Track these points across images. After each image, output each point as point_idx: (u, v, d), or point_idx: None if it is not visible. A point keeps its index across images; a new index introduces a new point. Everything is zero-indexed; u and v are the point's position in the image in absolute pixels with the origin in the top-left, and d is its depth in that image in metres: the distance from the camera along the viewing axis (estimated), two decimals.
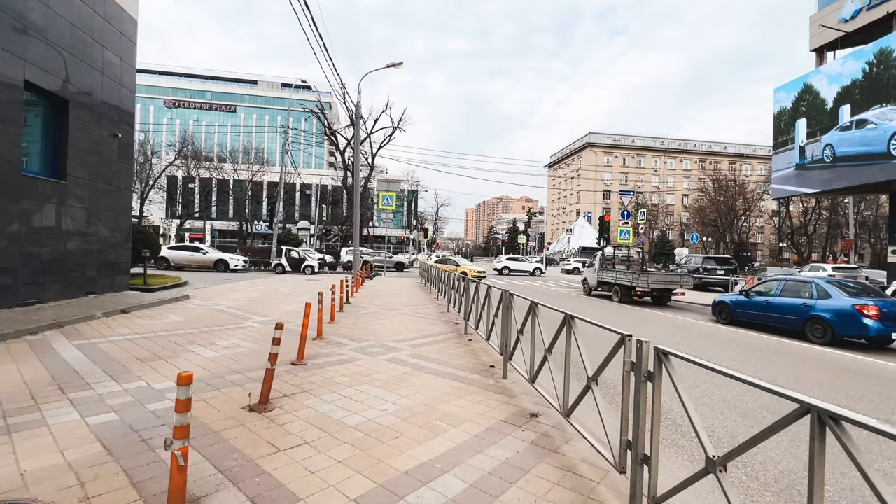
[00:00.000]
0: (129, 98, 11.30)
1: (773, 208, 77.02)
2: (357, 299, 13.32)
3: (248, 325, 8.37)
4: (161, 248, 19.89)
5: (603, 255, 19.37)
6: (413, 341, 7.42)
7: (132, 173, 11.66)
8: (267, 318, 9.34)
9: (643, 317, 13.01)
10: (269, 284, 17.35)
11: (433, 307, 12.17)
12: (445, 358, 6.33)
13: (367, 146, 50.28)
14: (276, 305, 11.33)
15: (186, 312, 9.53)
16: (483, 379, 5.34)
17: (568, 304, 15.07)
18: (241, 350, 6.39)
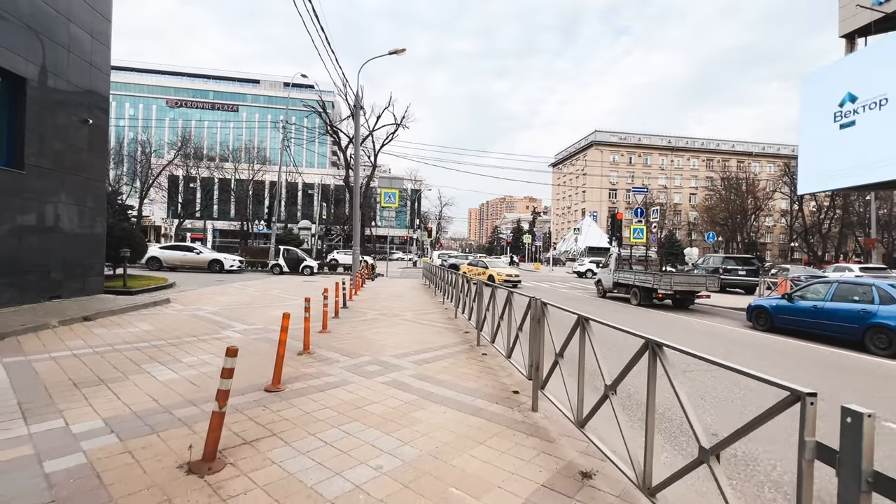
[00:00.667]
0: (101, 81, 10.21)
1: (781, 207, 75.60)
2: (356, 303, 12.18)
3: (227, 336, 7.23)
4: (148, 248, 18.84)
5: (619, 255, 18.15)
6: (417, 356, 6.25)
7: (106, 164, 10.57)
8: (251, 325, 8.20)
9: (668, 322, 11.80)
10: (262, 286, 16.24)
11: (439, 312, 11.02)
12: (457, 379, 5.17)
13: (369, 144, 49.29)
14: (265, 310, 10.20)
15: (160, 320, 8.40)
16: (507, 412, 4.17)
17: (585, 308, 13.88)
18: (209, 370, 5.24)
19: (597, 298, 18.44)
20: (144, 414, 3.77)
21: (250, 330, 7.75)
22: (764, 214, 65.86)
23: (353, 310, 10.84)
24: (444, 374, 5.40)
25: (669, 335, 9.57)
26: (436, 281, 16.06)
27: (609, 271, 18.24)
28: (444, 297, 12.99)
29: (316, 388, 4.68)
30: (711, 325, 11.66)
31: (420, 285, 19.91)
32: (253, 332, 7.63)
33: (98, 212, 10.36)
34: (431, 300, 13.82)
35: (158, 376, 4.88)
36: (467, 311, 8.59)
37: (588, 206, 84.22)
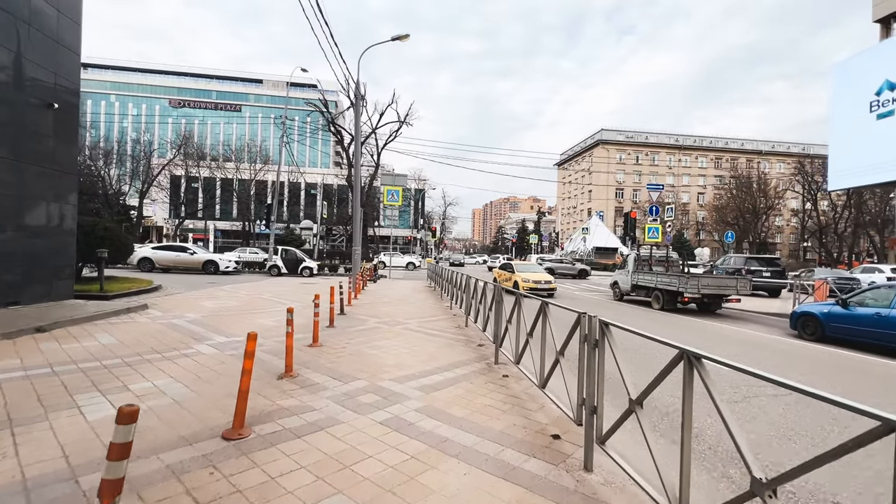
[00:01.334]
0: (70, 62, 9.14)
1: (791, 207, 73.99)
2: (355, 308, 11.06)
3: (199, 351, 6.11)
4: (134, 249, 17.79)
5: (638, 256, 16.93)
6: (424, 379, 5.11)
7: (75, 154, 9.50)
8: (231, 338, 7.08)
9: (702, 329, 10.59)
10: (256, 289, 15.15)
11: (446, 319, 9.88)
12: (477, 416, 4.01)
13: (371, 143, 48.23)
14: (252, 318, 9.08)
15: (127, 331, 7.30)
16: (551, 472, 3.01)
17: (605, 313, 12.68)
18: (159, 403, 4.11)
19: (613, 302, 17.24)
20: (37, 484, 2.64)
21: (228, 344, 6.62)
22: (774, 214, 64.41)
23: (352, 316, 9.71)
24: (458, 406, 4.25)
25: (714, 348, 8.36)
26: (442, 283, 14.92)
27: (627, 273, 17.04)
28: (452, 300, 11.84)
29: (292, 431, 3.53)
30: (750, 333, 10.45)
31: (425, 288, 18.77)
32: (231, 346, 6.51)
33: (67, 207, 9.29)
34: (438, 304, 12.67)
35: (90, 413, 3.75)
36: (481, 320, 7.44)
37: (594, 206, 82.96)
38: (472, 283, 8.75)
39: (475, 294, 8.34)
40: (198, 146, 56.59)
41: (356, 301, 12.60)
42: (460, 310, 10.36)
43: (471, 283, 9.01)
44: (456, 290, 11.12)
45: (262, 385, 4.67)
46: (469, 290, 8.95)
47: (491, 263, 38.37)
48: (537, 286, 16.98)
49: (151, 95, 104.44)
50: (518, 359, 5.01)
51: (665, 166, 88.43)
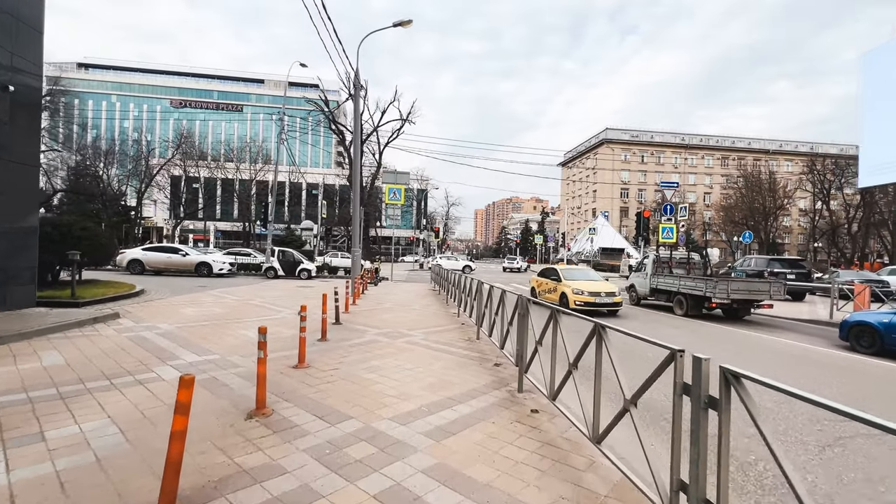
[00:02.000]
0: (31, 40, 8.10)
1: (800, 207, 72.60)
2: (353, 315, 9.97)
3: (159, 376, 5.04)
4: (116, 250, 16.80)
5: (658, 258, 15.79)
6: (432, 417, 4.01)
7: (37, 144, 8.47)
8: (204, 355, 6.01)
9: (738, 339, 9.45)
10: (248, 293, 14.09)
11: (455, 329, 8.78)
12: (506, 481, 2.91)
13: (373, 142, 47.21)
14: (236, 329, 8.01)
15: (82, 347, 6.24)
16: None
17: (623, 322, 11.62)
18: (75, 463, 3.02)
19: (629, 307, 16.11)
20: None
21: (197, 365, 5.54)
22: (783, 214, 63.17)
23: (349, 326, 8.63)
24: (480, 463, 3.15)
25: (762, 362, 7.22)
26: (448, 287, 13.82)
27: (645, 275, 15.91)
28: (460, 307, 10.73)
29: None
30: (792, 344, 9.30)
31: (429, 291, 17.68)
32: (200, 367, 5.43)
33: (26, 204, 8.25)
34: (443, 311, 11.58)
35: None
36: (498, 334, 6.33)
37: (599, 206, 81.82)
38: (486, 289, 7.64)
39: (489, 302, 7.24)
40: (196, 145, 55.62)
41: (355, 308, 11.52)
42: (469, 317, 9.27)
43: (483, 289, 7.91)
44: (465, 296, 10.01)
45: (223, 428, 3.59)
46: (481, 297, 7.85)
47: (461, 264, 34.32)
48: (596, 300, 12.22)
49: (152, 96, 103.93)
50: (554, 393, 3.91)
51: (671, 165, 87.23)
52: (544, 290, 14.10)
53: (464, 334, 8.30)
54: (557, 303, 12.18)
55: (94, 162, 47.41)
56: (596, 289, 12.70)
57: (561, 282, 13.18)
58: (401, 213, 22.60)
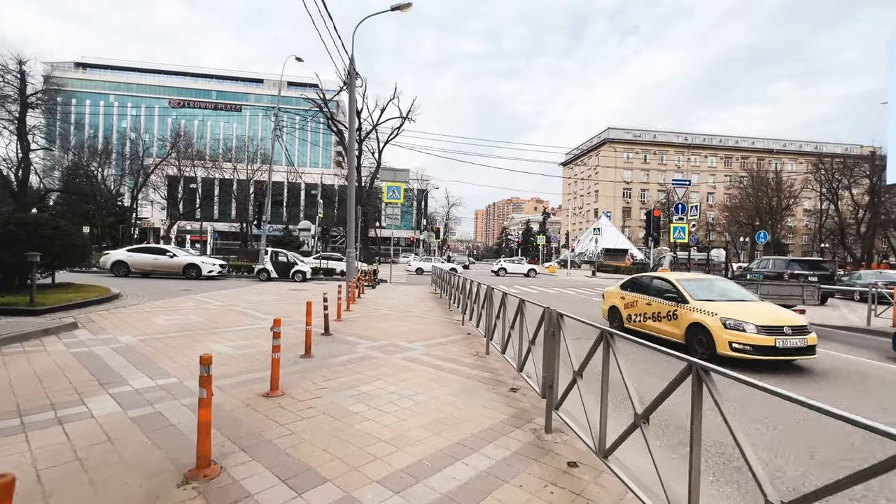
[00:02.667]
0: None
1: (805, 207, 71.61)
2: (346, 324, 8.92)
3: (89, 411, 3.97)
4: (90, 253, 15.79)
5: (675, 258, 14.74)
6: (438, 479, 2.95)
7: None
8: (159, 378, 4.96)
9: None
10: (235, 297, 13.03)
11: (460, 340, 7.72)
12: None
13: (373, 139, 46.17)
14: (208, 341, 6.95)
15: (13, 368, 5.17)
16: None
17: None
18: None
19: None
20: None
21: (148, 392, 4.49)
22: (788, 214, 62.24)
23: (339, 338, 7.57)
24: None
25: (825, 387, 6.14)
26: (451, 291, 12.76)
27: None
28: (465, 313, 9.66)
29: None
30: (835, 355, 8.23)
31: (430, 294, 16.62)
32: (150, 396, 4.38)
33: None
34: (446, 317, 10.52)
35: None
36: (514, 353, 5.26)
37: (601, 206, 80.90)
38: (498, 297, 6.59)
39: (502, 312, 6.17)
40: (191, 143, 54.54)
41: (348, 314, 10.47)
42: (476, 327, 8.21)
43: (494, 296, 6.84)
44: (471, 302, 8.93)
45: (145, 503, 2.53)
46: (491, 305, 6.78)
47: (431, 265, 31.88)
48: (777, 342, 6.60)
49: (151, 95, 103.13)
50: (607, 448, 2.84)
51: (673, 165, 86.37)
52: (645, 316, 8.64)
53: (470, 347, 7.24)
54: (682, 340, 7.56)
55: (88, 161, 46.41)
56: (772, 319, 6.93)
57: (687, 303, 7.68)
58: (400, 214, 21.57)
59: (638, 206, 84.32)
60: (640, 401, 2.52)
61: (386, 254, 57.71)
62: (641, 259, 62.24)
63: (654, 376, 5.84)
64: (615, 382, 2.89)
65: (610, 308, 9.80)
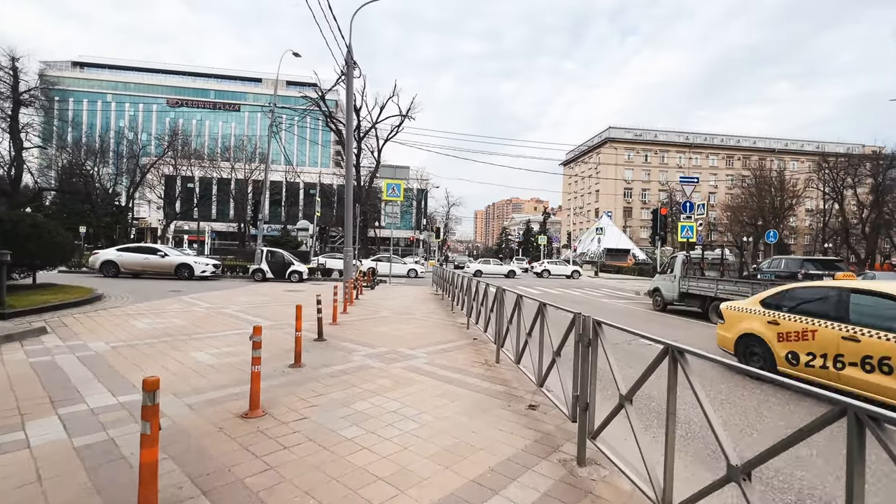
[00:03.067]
0: None
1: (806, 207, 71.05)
2: (341, 328, 8.25)
3: (25, 439, 3.30)
4: (73, 252, 15.09)
5: (688, 258, 14.08)
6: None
7: None
8: (122, 394, 4.27)
9: None
10: (226, 299, 12.35)
11: (465, 344, 7.05)
12: None
13: (373, 136, 45.48)
14: (189, 348, 6.28)
15: None
16: None
17: (656, 329, 9.87)
18: None
19: (654, 313, 14.42)
20: None
21: (105, 412, 3.81)
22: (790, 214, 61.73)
23: (334, 343, 6.90)
24: None
25: None
26: (453, 292, 12.10)
27: (673, 279, 14.20)
28: (470, 316, 8.99)
29: None
30: None
31: (431, 296, 15.95)
32: (106, 416, 3.70)
33: None
34: (449, 320, 9.86)
35: None
36: (532, 362, 4.58)
37: (602, 206, 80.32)
38: (511, 299, 5.90)
39: (517, 317, 5.47)
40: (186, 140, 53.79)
41: (344, 317, 9.80)
42: (483, 331, 7.55)
43: (505, 298, 6.17)
44: (477, 304, 8.26)
45: None
46: (501, 308, 6.10)
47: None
48: None
49: (149, 95, 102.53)
50: (671, 497, 2.16)
51: (675, 165, 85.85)
52: (838, 360, 5.03)
53: (478, 354, 6.58)
54: None
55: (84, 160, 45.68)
56: None
57: None
58: (400, 213, 20.93)
59: (639, 205, 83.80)
60: (733, 447, 1.84)
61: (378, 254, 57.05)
62: (644, 259, 61.66)
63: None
64: (698, 422, 2.22)
65: (742, 337, 6.39)
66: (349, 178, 12.50)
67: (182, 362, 5.51)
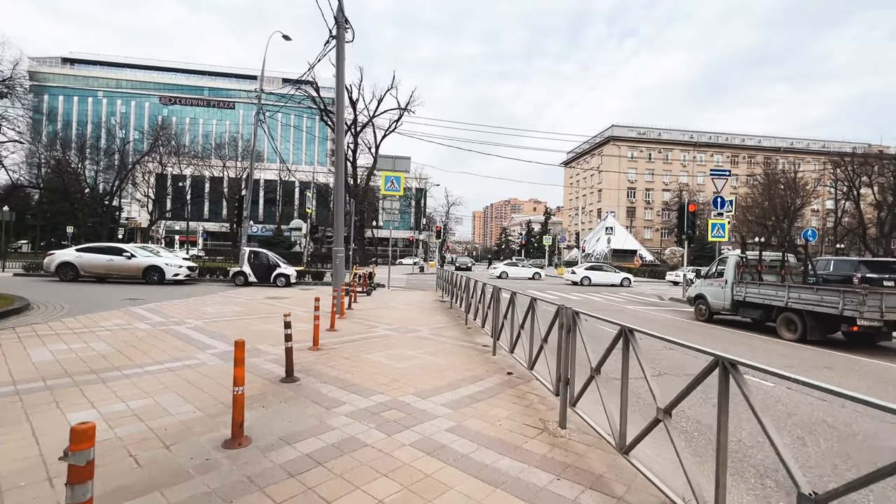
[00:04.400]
0: None
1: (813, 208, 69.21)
2: (323, 356, 6.00)
3: None
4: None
5: (742, 261, 11.86)
6: None
7: None
8: None
9: None
10: (186, 310, 10.06)
11: (499, 384, 4.80)
12: None
13: (369, 134, 43.19)
14: (73, 402, 4.03)
15: None
16: None
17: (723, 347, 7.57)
18: None
19: (698, 323, 12.25)
20: None
21: None
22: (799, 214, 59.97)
23: (307, 388, 4.65)
24: None
25: None
26: (460, 296, 9.84)
27: (722, 284, 12.02)
28: (494, 334, 6.74)
29: None
30: None
31: (437, 303, 13.71)
32: None
33: None
34: (466, 339, 7.63)
35: None
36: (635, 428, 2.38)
37: (605, 206, 78.33)
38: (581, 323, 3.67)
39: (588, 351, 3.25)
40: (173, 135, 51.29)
41: (331, 336, 7.55)
42: (521, 362, 5.33)
43: (565, 315, 3.92)
44: (510, 324, 5.98)
45: None
46: (570, 335, 3.85)
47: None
48: None
49: (141, 92, 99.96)
50: None
51: (679, 164, 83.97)
52: None
53: (524, 406, 4.33)
54: None
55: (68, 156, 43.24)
56: None
57: None
58: (398, 211, 18.70)
59: (643, 205, 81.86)
60: None
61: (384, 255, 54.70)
62: (651, 260, 59.63)
63: None
64: None
65: None
66: (340, 153, 10.25)
67: (38, 437, 3.25)
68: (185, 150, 54.54)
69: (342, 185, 11.12)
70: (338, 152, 10.71)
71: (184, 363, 5.43)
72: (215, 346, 6.42)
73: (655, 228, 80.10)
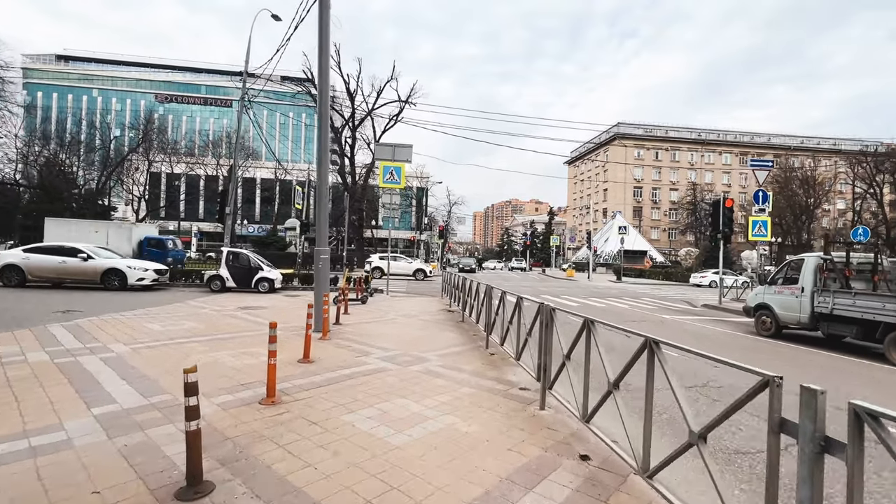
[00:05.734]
0: None
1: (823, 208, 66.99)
2: (282, 413, 3.74)
3: None
4: None
5: (825, 265, 9.57)
6: None
7: None
8: None
9: None
10: (126, 329, 7.78)
11: (525, 426, 2.61)
12: None
13: (368, 129, 40.91)
14: None
15: None
16: None
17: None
18: None
19: (765, 340, 9.96)
20: None
21: None
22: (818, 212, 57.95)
23: (271, 451, 2.39)
24: None
25: None
26: (477, 307, 7.54)
27: (796, 292, 9.73)
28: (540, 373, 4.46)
29: None
30: None
31: (443, 312, 11.40)
32: None
33: None
34: (493, 372, 5.35)
35: None
36: None
37: (610, 205, 76.10)
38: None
39: None
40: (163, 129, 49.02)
41: (299, 372, 5.26)
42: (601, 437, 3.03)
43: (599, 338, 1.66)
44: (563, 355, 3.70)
45: None
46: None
47: None
48: None
49: (136, 90, 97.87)
50: None
51: (687, 163, 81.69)
52: None
53: (590, 486, 2.08)
54: None
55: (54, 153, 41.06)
56: None
57: None
58: (398, 208, 16.47)
59: (650, 205, 79.61)
60: None
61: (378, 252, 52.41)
62: (662, 261, 57.27)
63: None
64: None
65: None
66: (324, 129, 7.98)
67: None
68: (176, 147, 52.37)
69: (326, 176, 8.86)
70: (322, 134, 8.43)
71: (29, 443, 3.14)
72: (114, 400, 4.13)
73: (663, 228, 77.83)
